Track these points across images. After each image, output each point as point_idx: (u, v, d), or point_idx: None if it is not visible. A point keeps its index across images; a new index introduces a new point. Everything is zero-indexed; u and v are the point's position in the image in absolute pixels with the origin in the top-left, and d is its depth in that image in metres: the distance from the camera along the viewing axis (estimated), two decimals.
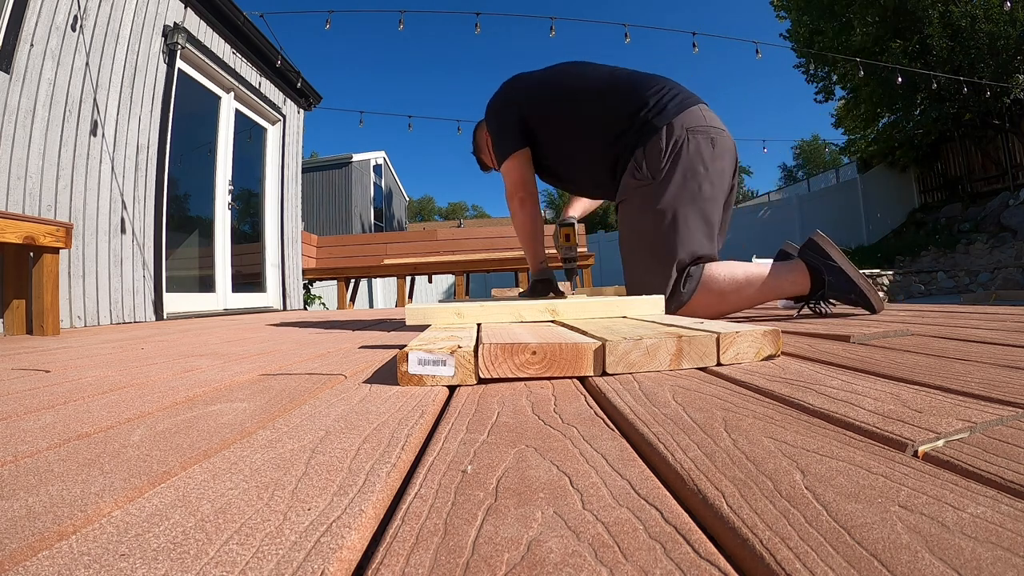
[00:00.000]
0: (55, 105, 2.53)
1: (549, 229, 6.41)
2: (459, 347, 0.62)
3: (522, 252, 5.64)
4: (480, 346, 0.62)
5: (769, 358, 0.70)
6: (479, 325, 0.96)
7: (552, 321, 1.00)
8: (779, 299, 1.40)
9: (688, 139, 1.31)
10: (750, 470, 0.30)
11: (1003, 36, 9.40)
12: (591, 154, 1.46)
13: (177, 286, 3.55)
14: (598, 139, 1.43)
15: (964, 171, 11.36)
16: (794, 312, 1.47)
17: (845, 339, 0.86)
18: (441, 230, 6.29)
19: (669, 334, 0.67)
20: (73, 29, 2.64)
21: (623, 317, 1.04)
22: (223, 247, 4.13)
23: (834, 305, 1.36)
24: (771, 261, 1.40)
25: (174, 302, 3.44)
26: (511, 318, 1.02)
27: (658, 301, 1.10)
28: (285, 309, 4.82)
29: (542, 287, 1.59)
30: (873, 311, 1.29)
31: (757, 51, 5.28)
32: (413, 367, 0.61)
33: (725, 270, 1.31)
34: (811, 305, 1.32)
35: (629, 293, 1.41)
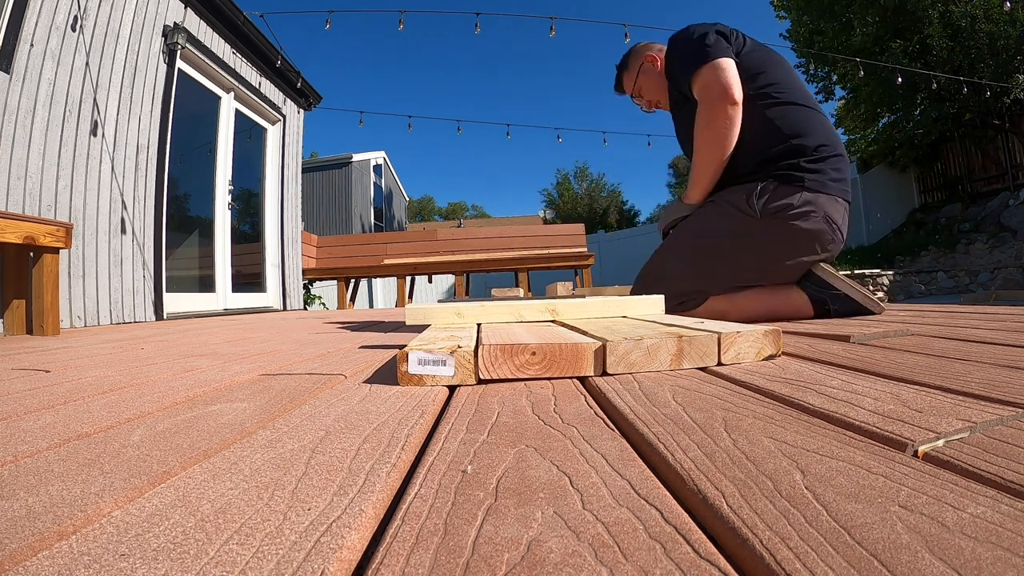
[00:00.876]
0: (55, 105, 2.53)
1: (548, 229, 6.41)
2: (459, 347, 0.62)
3: (521, 252, 5.65)
4: (479, 347, 0.61)
5: (770, 358, 0.70)
6: (479, 325, 0.96)
7: (552, 321, 1.00)
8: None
9: (809, 219, 1.26)
10: (750, 470, 0.30)
11: (1003, 36, 9.40)
12: (745, 136, 1.33)
13: (177, 286, 3.55)
14: (765, 138, 1.32)
15: (964, 171, 11.36)
16: None
17: (845, 339, 0.86)
18: (441, 230, 6.29)
19: (670, 334, 0.67)
20: (73, 29, 2.64)
21: (623, 317, 1.04)
22: (223, 247, 4.12)
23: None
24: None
25: (174, 302, 3.44)
26: (511, 318, 1.02)
27: (658, 301, 1.10)
28: (285, 309, 4.82)
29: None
30: (873, 314, 1.32)
31: None
32: (413, 367, 0.61)
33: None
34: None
35: (642, 278, 1.43)
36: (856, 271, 7.54)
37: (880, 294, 7.20)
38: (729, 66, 1.29)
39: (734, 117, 1.29)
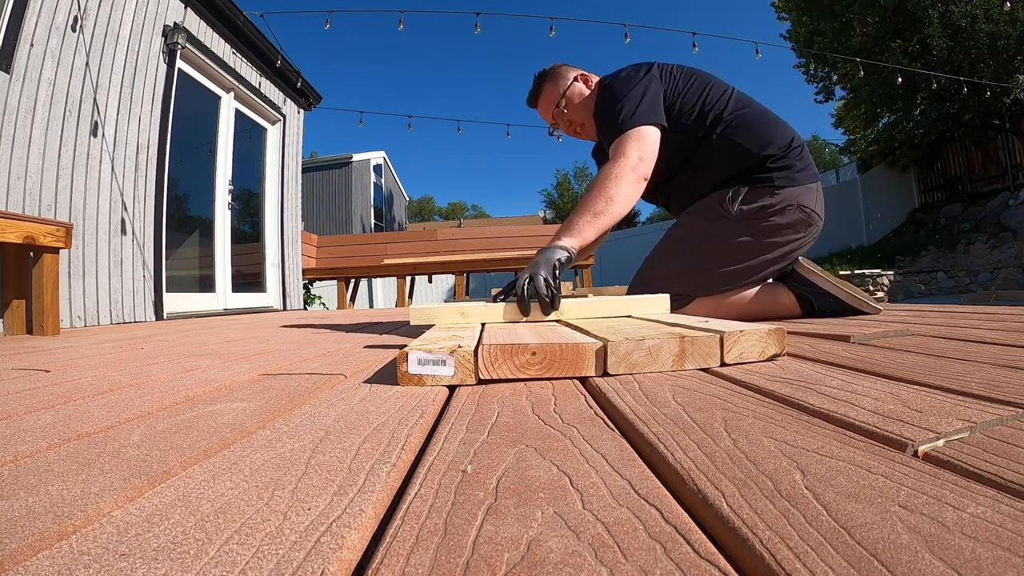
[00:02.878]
0: (55, 105, 2.53)
1: (548, 229, 6.41)
2: (459, 347, 0.61)
3: (521, 252, 5.65)
4: (479, 347, 0.61)
5: (773, 357, 0.70)
6: (483, 325, 0.96)
7: (557, 321, 1.00)
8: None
9: (785, 213, 1.29)
10: (750, 470, 0.30)
11: (1003, 36, 9.40)
12: (716, 163, 1.35)
13: (177, 286, 3.55)
14: (735, 159, 1.33)
15: (964, 171, 11.36)
16: None
17: (845, 339, 0.86)
18: (441, 230, 6.30)
19: (672, 335, 0.67)
20: (73, 29, 2.64)
21: (628, 316, 1.04)
22: (223, 247, 4.12)
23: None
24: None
25: (174, 302, 3.44)
26: (516, 318, 1.01)
27: (663, 300, 1.10)
28: (285, 309, 4.82)
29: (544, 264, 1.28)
30: (863, 313, 1.33)
31: (757, 51, 5.28)
32: (413, 367, 0.61)
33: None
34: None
35: (636, 284, 1.43)
36: (856, 271, 7.54)
37: (880, 294, 7.20)
38: (650, 138, 1.26)
39: (638, 191, 1.25)
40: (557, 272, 1.04)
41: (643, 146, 1.26)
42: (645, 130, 1.27)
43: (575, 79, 1.48)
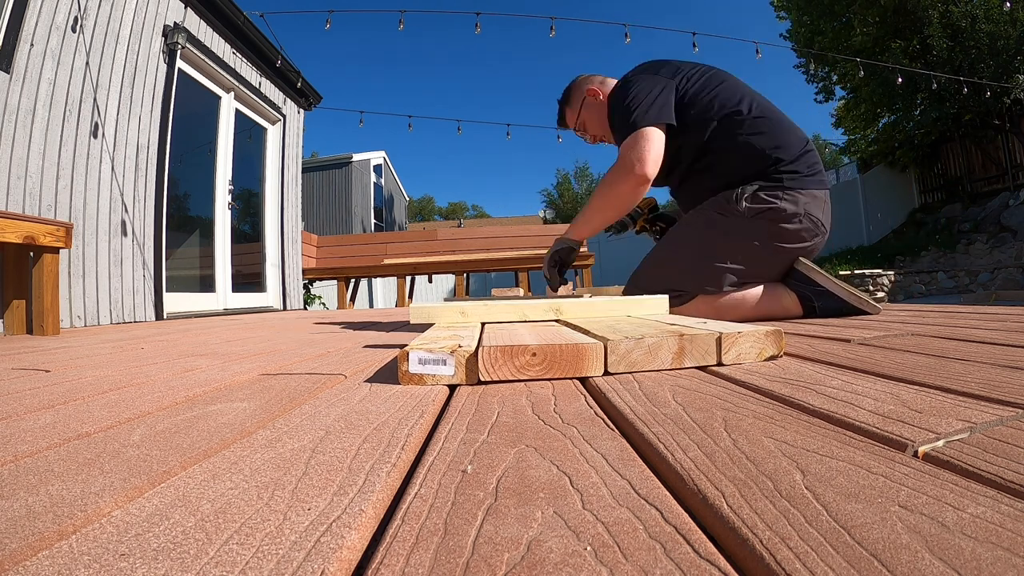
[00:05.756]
0: (55, 105, 2.53)
1: (548, 229, 6.41)
2: (459, 347, 0.62)
3: (521, 252, 5.65)
4: (480, 348, 0.61)
5: (771, 359, 0.70)
6: (483, 324, 0.96)
7: (556, 320, 1.00)
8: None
9: (792, 220, 1.29)
10: (750, 470, 0.30)
11: (1003, 36, 9.39)
12: (727, 164, 1.35)
13: (177, 286, 3.55)
14: (747, 161, 1.33)
15: (964, 171, 11.35)
16: None
17: (845, 340, 0.86)
18: (441, 230, 6.30)
19: (671, 333, 0.67)
20: (73, 29, 2.64)
21: (627, 316, 1.04)
22: (223, 247, 4.12)
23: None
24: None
25: (174, 302, 3.44)
26: (515, 317, 1.02)
27: (662, 300, 1.10)
28: (285, 309, 4.82)
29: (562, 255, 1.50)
30: (864, 312, 1.33)
31: (757, 51, 5.27)
32: (414, 366, 0.61)
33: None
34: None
35: (631, 282, 1.44)
36: (856, 271, 7.54)
37: (881, 294, 7.20)
38: (653, 138, 1.29)
39: (640, 191, 1.33)
40: (557, 260, 1.49)
41: (644, 147, 1.29)
42: (649, 131, 1.30)
43: (584, 99, 1.57)
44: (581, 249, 1.63)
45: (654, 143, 1.29)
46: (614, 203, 1.37)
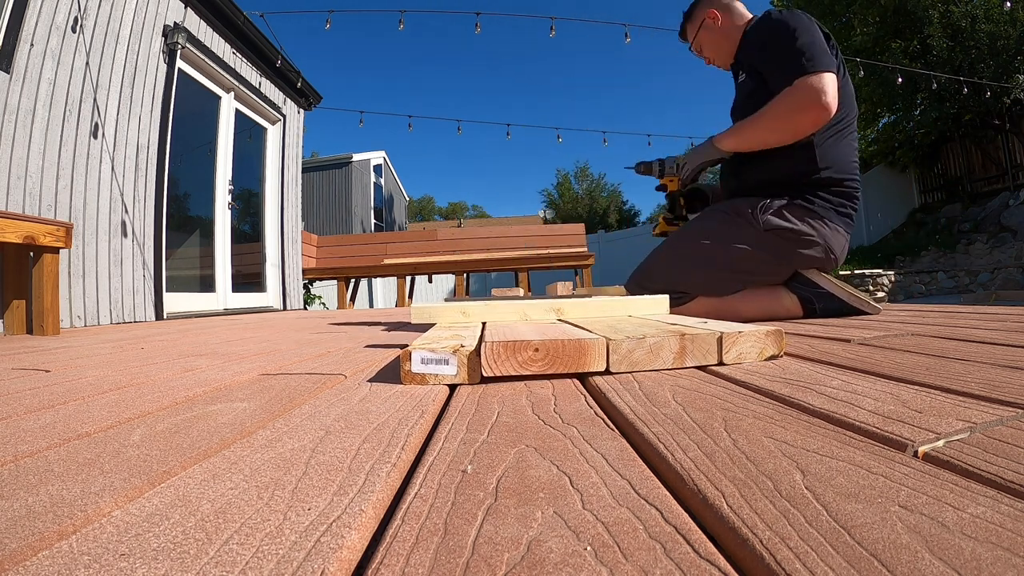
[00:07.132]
0: (55, 105, 2.53)
1: (548, 229, 6.41)
2: (461, 346, 0.62)
3: (521, 252, 5.65)
4: (483, 344, 0.61)
5: (772, 358, 0.70)
6: (484, 324, 0.96)
7: (557, 320, 1.00)
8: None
9: (810, 247, 1.31)
10: (750, 470, 0.30)
11: (1003, 36, 9.39)
12: (776, 154, 1.33)
13: (177, 286, 3.55)
14: (797, 163, 1.32)
15: (964, 171, 11.35)
16: None
17: (845, 340, 0.86)
18: (441, 230, 6.30)
19: (673, 333, 0.67)
20: (73, 29, 2.64)
21: (628, 316, 1.04)
22: (223, 247, 4.12)
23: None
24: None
25: (174, 302, 3.44)
26: (517, 317, 1.02)
27: (662, 300, 1.10)
28: (285, 309, 4.82)
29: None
30: (864, 313, 1.34)
31: None
32: (416, 366, 0.61)
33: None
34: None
35: (634, 275, 1.44)
36: (856, 271, 7.54)
37: (881, 294, 7.20)
38: (833, 82, 1.23)
39: (817, 124, 1.25)
40: (701, 168, 1.49)
41: (831, 89, 1.22)
42: (828, 79, 1.22)
43: (704, 20, 1.55)
44: (581, 249, 1.63)
45: (834, 85, 1.23)
46: (789, 126, 1.27)
